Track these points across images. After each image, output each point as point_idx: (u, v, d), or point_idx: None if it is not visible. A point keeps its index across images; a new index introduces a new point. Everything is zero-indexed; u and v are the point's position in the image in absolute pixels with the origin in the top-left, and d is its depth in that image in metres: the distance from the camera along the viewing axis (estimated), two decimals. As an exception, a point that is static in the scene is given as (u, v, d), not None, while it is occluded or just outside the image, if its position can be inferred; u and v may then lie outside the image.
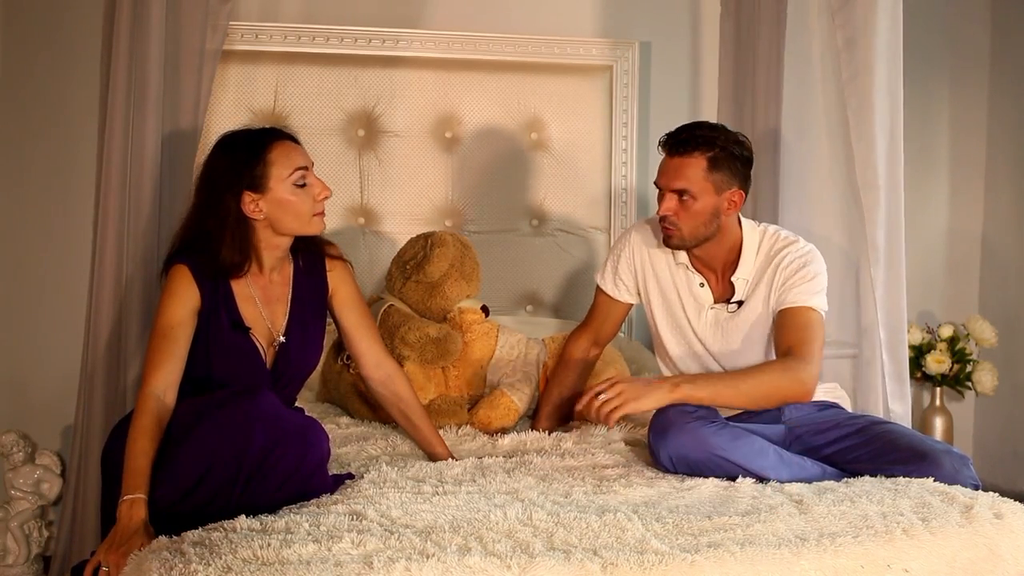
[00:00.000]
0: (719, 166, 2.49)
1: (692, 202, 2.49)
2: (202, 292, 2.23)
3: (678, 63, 3.66)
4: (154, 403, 2.10)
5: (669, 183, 2.50)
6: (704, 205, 2.50)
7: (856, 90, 2.88)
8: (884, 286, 2.90)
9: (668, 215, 2.51)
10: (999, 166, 3.96)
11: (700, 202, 2.49)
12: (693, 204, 2.49)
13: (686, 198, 2.49)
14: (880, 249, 2.87)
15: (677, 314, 2.65)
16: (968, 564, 1.96)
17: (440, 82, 3.43)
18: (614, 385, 2.31)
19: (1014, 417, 3.87)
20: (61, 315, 3.22)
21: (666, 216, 2.52)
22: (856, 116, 2.88)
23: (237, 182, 2.23)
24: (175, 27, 2.80)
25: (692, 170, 2.48)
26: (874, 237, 2.88)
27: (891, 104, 2.87)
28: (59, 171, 3.24)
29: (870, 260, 2.89)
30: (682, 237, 2.53)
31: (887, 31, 2.84)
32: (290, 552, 1.72)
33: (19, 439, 3.10)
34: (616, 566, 1.74)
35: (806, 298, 2.49)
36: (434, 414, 2.73)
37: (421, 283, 2.87)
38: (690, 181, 2.48)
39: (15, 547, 3.04)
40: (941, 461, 2.29)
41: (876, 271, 2.88)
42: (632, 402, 2.29)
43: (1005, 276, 3.93)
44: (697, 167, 2.48)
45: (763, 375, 2.37)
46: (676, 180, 2.49)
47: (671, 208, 2.50)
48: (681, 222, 2.51)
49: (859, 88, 2.87)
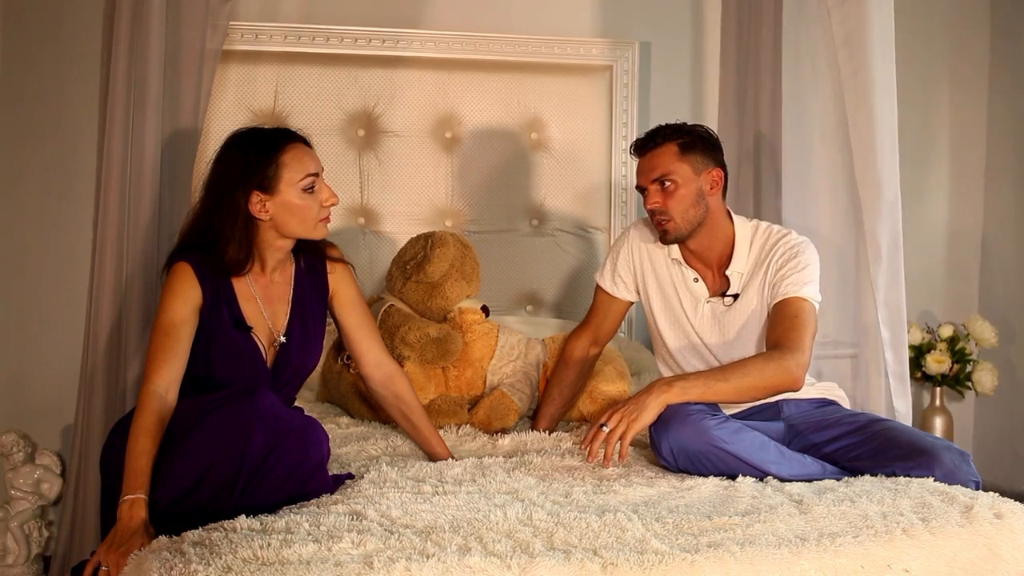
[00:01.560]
0: (690, 149, 2.56)
1: (674, 187, 2.54)
2: (204, 290, 2.24)
3: (678, 63, 3.66)
4: (156, 401, 2.10)
5: (648, 176, 2.56)
6: (687, 189, 2.55)
7: (854, 87, 2.88)
8: (885, 285, 2.89)
9: (656, 207, 2.55)
10: (999, 166, 3.96)
11: (683, 186, 2.54)
12: (676, 189, 2.54)
13: (668, 184, 2.54)
14: (881, 247, 2.87)
15: (675, 310, 2.66)
16: (968, 564, 1.96)
17: (440, 82, 3.43)
18: (612, 416, 2.30)
19: (1014, 417, 3.87)
20: (61, 315, 3.22)
21: (655, 209, 2.56)
22: (854, 114, 2.88)
23: (247, 181, 2.23)
24: (175, 27, 2.79)
25: (665, 157, 2.55)
26: (874, 235, 2.88)
27: (888, 101, 2.86)
28: (59, 171, 3.24)
29: (870, 258, 2.89)
30: (676, 226, 2.56)
31: (881, 27, 2.84)
32: (290, 552, 1.72)
33: (19, 439, 3.10)
34: (616, 566, 1.74)
35: (796, 288, 2.50)
36: (434, 414, 2.74)
37: (421, 283, 2.87)
38: (667, 167, 2.54)
39: (15, 547, 3.04)
40: (942, 457, 2.29)
41: (877, 269, 2.87)
42: (636, 422, 2.28)
43: (1005, 276, 3.93)
44: (669, 153, 2.55)
45: (751, 366, 2.38)
46: (653, 171, 2.55)
47: (657, 200, 2.55)
48: (670, 210, 2.55)
49: (857, 85, 2.87)
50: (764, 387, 2.38)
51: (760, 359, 2.40)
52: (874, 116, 2.85)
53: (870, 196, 2.89)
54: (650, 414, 2.30)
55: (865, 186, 2.89)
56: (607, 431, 2.28)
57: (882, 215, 2.87)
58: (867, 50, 2.83)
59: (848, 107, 2.90)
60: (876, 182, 2.87)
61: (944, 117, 3.93)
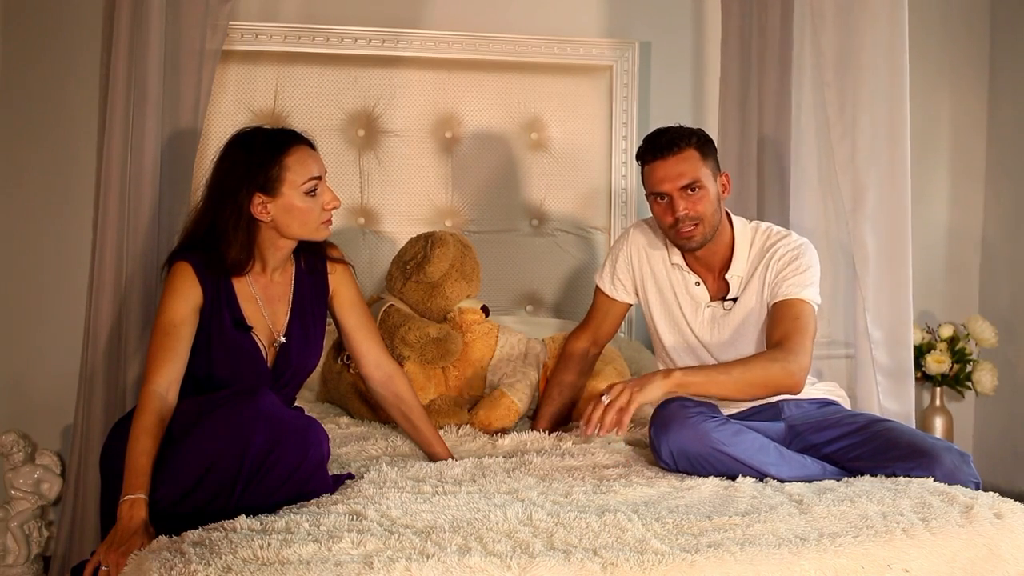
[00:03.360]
0: (706, 153, 2.54)
1: (702, 192, 2.51)
2: (204, 290, 2.24)
3: (678, 63, 3.66)
4: (157, 401, 2.10)
5: (675, 183, 2.50)
6: (711, 192, 2.53)
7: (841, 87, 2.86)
8: (878, 285, 2.88)
9: (687, 213, 2.50)
10: (999, 166, 3.96)
11: (708, 189, 2.52)
12: (705, 194, 2.51)
13: (697, 189, 2.50)
14: (868, 247, 2.86)
15: (675, 313, 2.66)
16: (968, 564, 1.96)
17: (440, 82, 3.43)
18: (612, 387, 2.29)
19: (1014, 417, 3.87)
20: (61, 315, 3.22)
21: (685, 215, 2.50)
22: (837, 114, 2.87)
23: (250, 182, 2.23)
24: (175, 27, 2.79)
25: (691, 162, 2.50)
26: (861, 236, 2.86)
27: (893, 101, 2.85)
28: (59, 171, 3.24)
29: (856, 260, 2.88)
30: (704, 232, 2.53)
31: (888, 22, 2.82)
32: (290, 552, 1.72)
33: (19, 439, 3.10)
34: (616, 566, 1.74)
35: (798, 290, 2.49)
36: (434, 414, 2.73)
37: (421, 283, 2.87)
38: (695, 172, 2.50)
39: (15, 547, 3.04)
40: (942, 458, 2.29)
41: (863, 269, 2.86)
42: (638, 394, 2.25)
43: (1005, 276, 3.93)
44: (693, 158, 2.51)
45: (753, 363, 2.38)
46: (682, 176, 2.49)
47: (688, 206, 2.50)
48: (702, 214, 2.51)
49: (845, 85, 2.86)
50: (765, 385, 2.38)
51: (763, 358, 2.40)
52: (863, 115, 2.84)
53: (855, 196, 2.87)
54: (654, 390, 2.27)
55: (848, 186, 2.88)
56: (607, 401, 2.26)
57: (869, 216, 2.86)
58: (865, 50, 2.83)
59: (829, 107, 2.88)
60: (862, 183, 2.86)
61: (944, 117, 3.93)
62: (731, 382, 2.35)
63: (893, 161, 2.86)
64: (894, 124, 2.86)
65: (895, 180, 2.86)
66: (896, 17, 2.83)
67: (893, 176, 2.86)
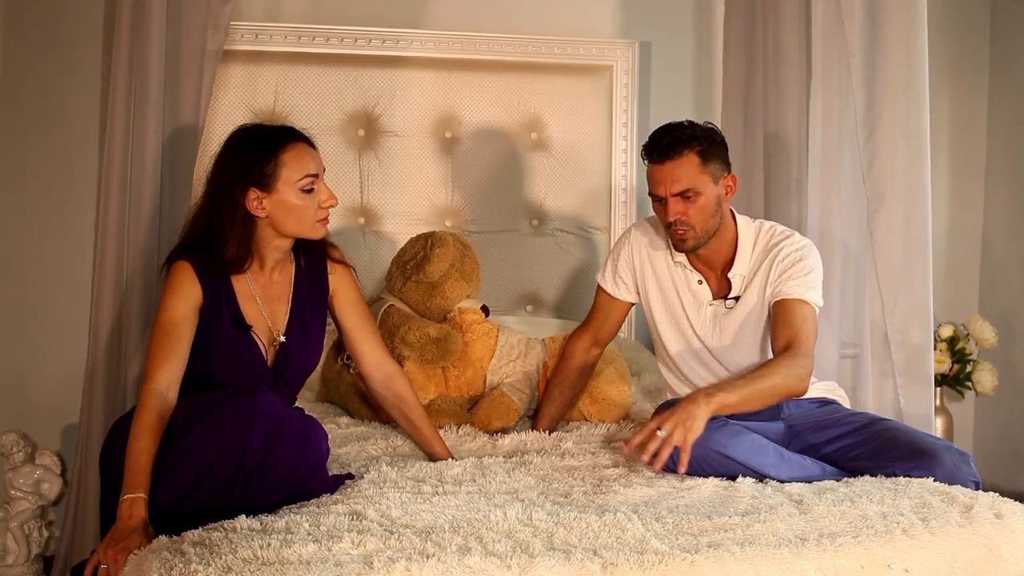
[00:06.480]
0: (710, 157, 2.51)
1: (698, 198, 2.49)
2: (204, 289, 2.24)
3: (679, 63, 3.66)
4: (157, 400, 2.10)
5: (670, 188, 2.49)
6: (708, 198, 2.50)
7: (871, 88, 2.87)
8: (899, 288, 2.89)
9: (679, 218, 2.50)
10: (999, 166, 3.96)
11: (704, 196, 2.50)
12: (699, 200, 2.49)
13: (691, 196, 2.49)
14: (891, 250, 2.88)
15: (676, 312, 2.66)
16: (968, 564, 1.96)
17: (440, 82, 3.43)
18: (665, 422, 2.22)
19: (1014, 417, 3.87)
20: (62, 315, 3.22)
21: (676, 220, 2.50)
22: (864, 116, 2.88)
23: (245, 177, 2.23)
24: (176, 27, 2.80)
25: (688, 168, 2.48)
26: (883, 238, 2.88)
27: (913, 101, 2.85)
28: (60, 171, 3.24)
29: (876, 262, 2.89)
30: (696, 236, 2.52)
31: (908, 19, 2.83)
32: (290, 552, 1.72)
33: (19, 439, 3.10)
34: (616, 566, 1.74)
35: (803, 291, 2.49)
36: (434, 414, 2.74)
37: (421, 283, 2.87)
38: (691, 179, 2.48)
39: (15, 547, 3.04)
40: (942, 457, 2.29)
41: (885, 272, 2.88)
42: (691, 431, 2.21)
43: (1005, 276, 3.93)
44: (691, 164, 2.49)
45: (774, 374, 2.35)
46: (676, 183, 2.48)
47: (680, 211, 2.49)
48: (693, 220, 2.50)
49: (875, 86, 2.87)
50: (785, 393, 2.38)
51: (780, 367, 2.37)
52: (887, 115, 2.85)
53: (873, 194, 2.89)
54: (701, 424, 2.23)
55: (868, 184, 2.89)
56: (663, 435, 2.21)
57: (884, 216, 2.87)
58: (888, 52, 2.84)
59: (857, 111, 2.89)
60: (880, 182, 2.87)
61: (944, 117, 3.93)
62: (757, 396, 2.32)
63: (915, 163, 2.88)
64: (915, 126, 2.89)
65: (916, 182, 2.90)
66: (916, 17, 2.83)
67: (914, 177, 2.89)
